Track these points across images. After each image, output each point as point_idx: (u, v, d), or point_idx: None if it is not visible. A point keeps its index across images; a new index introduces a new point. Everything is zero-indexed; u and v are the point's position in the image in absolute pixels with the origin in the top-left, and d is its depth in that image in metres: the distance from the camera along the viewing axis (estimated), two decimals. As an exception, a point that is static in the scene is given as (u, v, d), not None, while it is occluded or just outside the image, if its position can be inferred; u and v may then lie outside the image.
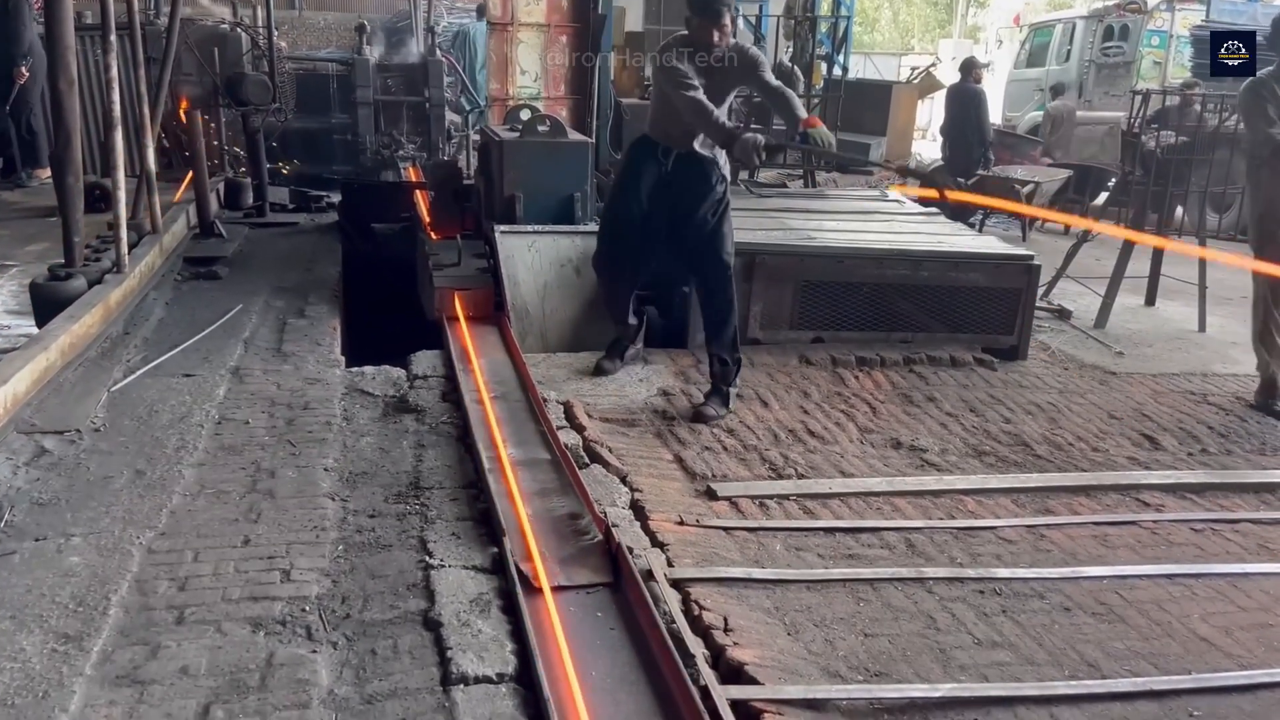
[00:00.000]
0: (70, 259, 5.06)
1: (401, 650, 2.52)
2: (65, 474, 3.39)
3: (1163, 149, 6.80)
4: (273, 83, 7.96)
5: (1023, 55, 15.54)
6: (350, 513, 3.24)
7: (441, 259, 5.62)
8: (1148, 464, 4.29)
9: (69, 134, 4.95)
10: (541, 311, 5.44)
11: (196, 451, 3.61)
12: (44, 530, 3.01)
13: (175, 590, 2.73)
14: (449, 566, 2.90)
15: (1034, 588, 3.17)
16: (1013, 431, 4.55)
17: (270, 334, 4.99)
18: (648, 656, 2.54)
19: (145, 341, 4.77)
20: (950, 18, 37.15)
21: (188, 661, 2.42)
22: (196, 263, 6.18)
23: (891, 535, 3.48)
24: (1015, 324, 5.66)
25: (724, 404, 4.55)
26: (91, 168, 8.04)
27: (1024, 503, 3.86)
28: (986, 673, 2.70)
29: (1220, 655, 2.86)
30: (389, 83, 10.66)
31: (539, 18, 7.53)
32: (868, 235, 6.05)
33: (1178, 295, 7.13)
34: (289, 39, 12.77)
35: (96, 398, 4.03)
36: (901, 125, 13.88)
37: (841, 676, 2.65)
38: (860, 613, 2.97)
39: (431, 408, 4.17)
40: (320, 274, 6.18)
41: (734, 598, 2.95)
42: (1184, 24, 12.65)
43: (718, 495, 3.69)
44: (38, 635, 2.50)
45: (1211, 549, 3.54)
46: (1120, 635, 2.94)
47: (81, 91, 6.34)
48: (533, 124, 5.94)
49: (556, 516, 3.28)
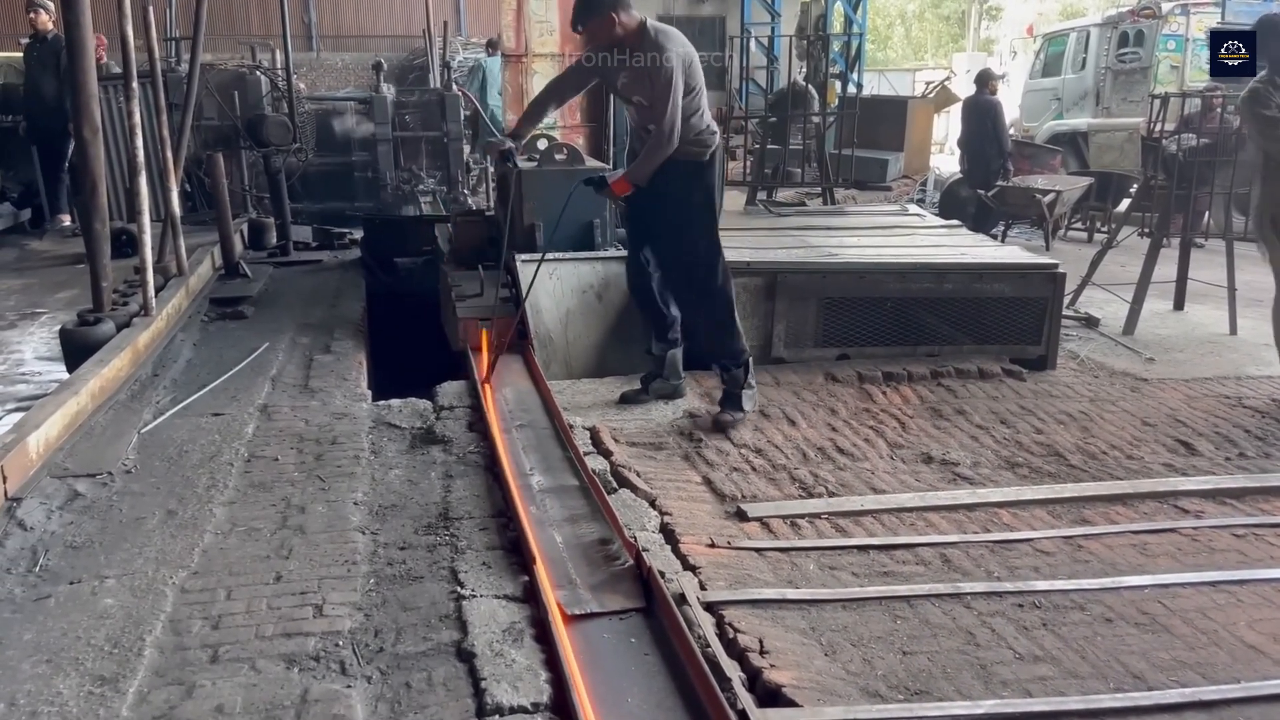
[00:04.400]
0: (98, 304, 5.12)
1: (436, 682, 2.51)
2: (98, 516, 3.41)
3: (1184, 152, 6.75)
4: (293, 123, 8.07)
5: (1038, 65, 15.47)
6: (381, 545, 3.24)
7: (464, 290, 5.64)
8: (1185, 470, 4.22)
9: (95, 181, 5.02)
10: (565, 339, 5.44)
11: (227, 490, 3.63)
12: (78, 573, 3.02)
13: (209, 629, 2.74)
14: (481, 596, 2.89)
15: (1074, 599, 3.12)
16: (1045, 442, 4.50)
17: (297, 371, 5.02)
18: (683, 681, 2.51)
19: (174, 383, 4.81)
20: (963, 31, 37.17)
21: (223, 700, 2.42)
22: (222, 303, 6.24)
23: (926, 551, 3.44)
24: (1043, 333, 5.61)
25: (738, 406, 4.56)
26: (117, 213, 8.16)
27: (1060, 513, 3.80)
28: (1029, 688, 2.65)
29: (1269, 663, 2.80)
30: (407, 119, 10.78)
31: (552, 48, 7.59)
32: (889, 249, 6.03)
33: (1206, 299, 7.04)
34: (308, 80, 12.99)
35: (127, 440, 4.06)
36: (918, 140, 13.87)
37: (881, 696, 2.61)
38: (898, 630, 2.93)
39: (458, 438, 4.17)
40: (345, 310, 6.22)
41: (769, 619, 2.92)
42: (1199, 27, 12.54)
43: (748, 516, 3.66)
44: (74, 678, 2.50)
45: (1255, 554, 3.47)
46: (1165, 645, 2.88)
47: (106, 139, 6.44)
48: (550, 153, 5.97)
49: (586, 543, 3.26)
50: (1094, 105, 13.77)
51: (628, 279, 5.01)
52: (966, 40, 35.80)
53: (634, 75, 4.41)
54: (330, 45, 17.86)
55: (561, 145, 6.11)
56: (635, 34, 4.35)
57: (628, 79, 4.46)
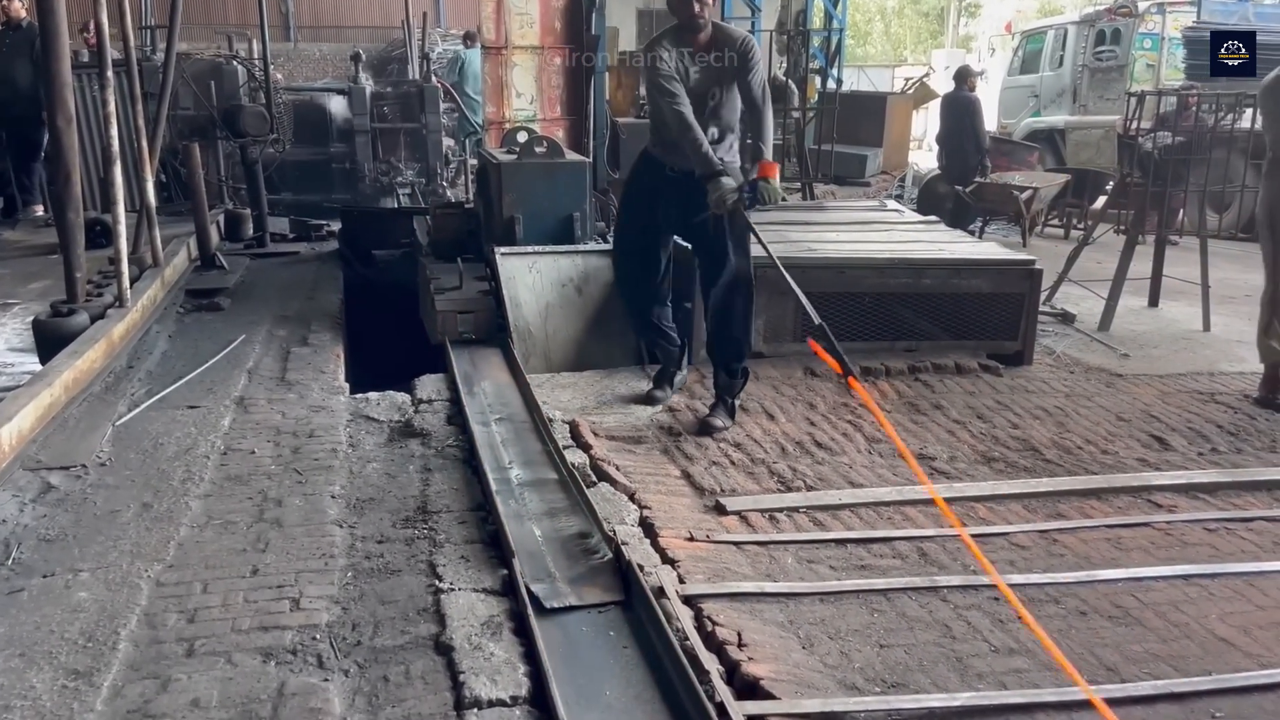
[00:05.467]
0: (72, 295, 5.07)
1: (414, 676, 2.50)
2: (72, 509, 3.38)
3: (1160, 150, 6.81)
4: (270, 114, 8.00)
5: (1016, 62, 15.56)
6: (358, 539, 3.22)
7: (443, 282, 5.62)
8: (1158, 465, 4.27)
9: (69, 170, 4.97)
10: (544, 332, 5.43)
11: (203, 483, 3.60)
12: (51, 566, 3.00)
13: (185, 622, 2.72)
14: (459, 590, 2.88)
15: (1049, 593, 3.15)
16: (1021, 437, 4.53)
17: (274, 363, 4.99)
18: (662, 674, 2.52)
19: (149, 375, 4.77)
20: (942, 28, 37.29)
21: (199, 694, 2.40)
22: (198, 295, 6.19)
23: (903, 544, 3.46)
24: (1019, 329, 5.65)
25: (730, 415, 4.53)
26: (91, 204, 8.07)
27: (1035, 508, 3.83)
28: (1004, 680, 2.68)
29: (1240, 655, 2.83)
30: (385, 110, 10.72)
31: (533, 40, 7.56)
32: (868, 245, 6.04)
33: (1181, 295, 7.11)
34: (285, 70, 12.89)
35: (101, 432, 4.03)
36: (897, 136, 13.90)
37: (858, 688, 2.62)
38: (875, 623, 2.94)
39: (437, 431, 4.16)
40: (322, 302, 6.19)
41: (747, 612, 2.93)
42: (1175, 26, 12.65)
43: (727, 510, 3.67)
44: (48, 672, 2.48)
45: (1226, 548, 3.51)
46: (1138, 638, 2.91)
47: (80, 128, 6.37)
48: (530, 146, 5.96)
49: (565, 536, 3.26)
50: (1071, 103, 13.88)
51: (629, 282, 4.90)
52: (945, 37, 35.92)
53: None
54: (308, 36, 17.70)
55: (541, 138, 6.10)
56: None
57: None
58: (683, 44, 4.35)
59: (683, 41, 4.35)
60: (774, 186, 4.24)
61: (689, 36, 4.34)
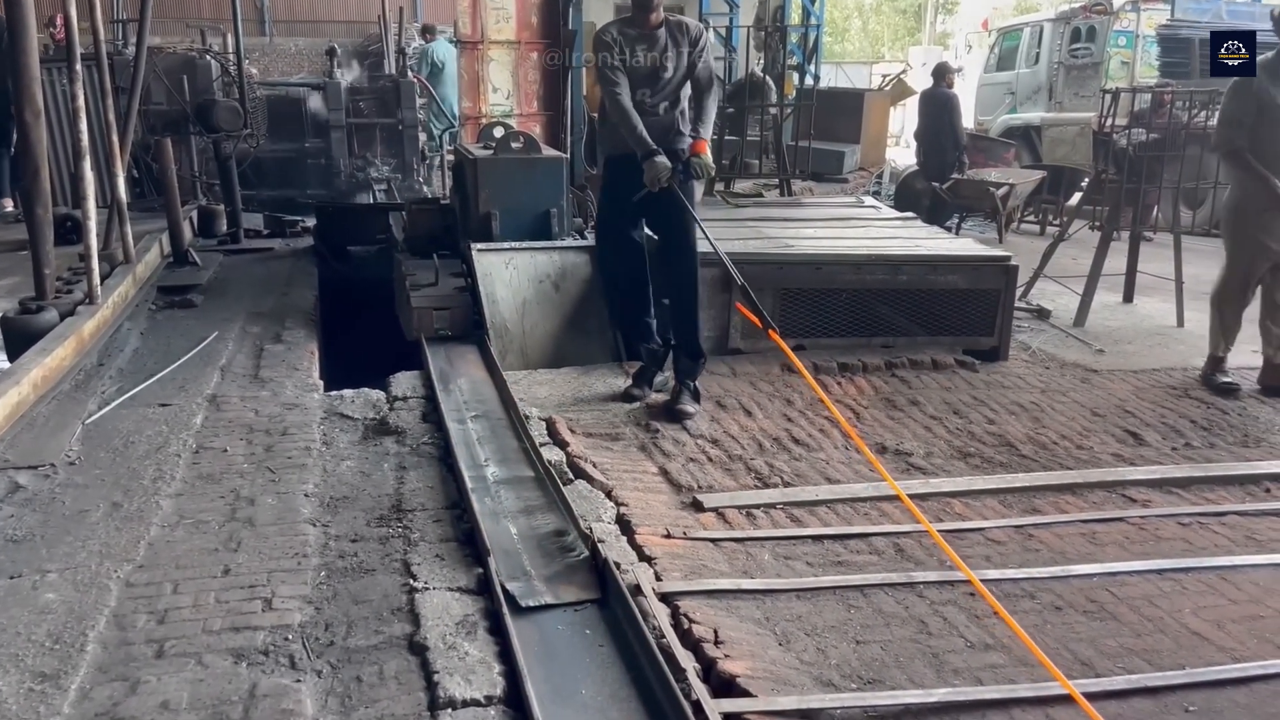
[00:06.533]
0: (41, 292, 5.00)
1: (387, 676, 2.48)
2: (40, 509, 3.32)
3: (1134, 147, 6.85)
4: (244, 109, 7.92)
5: (992, 59, 15.63)
6: (332, 538, 3.19)
7: (419, 279, 5.58)
8: (1132, 460, 4.29)
9: (37, 165, 4.90)
10: (521, 329, 5.40)
11: (174, 482, 3.56)
12: (19, 567, 2.95)
13: (154, 624, 2.68)
14: (433, 589, 2.86)
15: (1024, 588, 3.16)
16: (997, 432, 4.55)
17: (247, 360, 4.94)
18: (638, 672, 2.51)
19: (120, 372, 4.71)
20: (919, 25, 37.43)
21: (168, 696, 2.37)
22: (171, 291, 6.12)
23: (880, 540, 3.46)
24: (995, 325, 5.67)
25: (696, 399, 4.63)
26: (61, 199, 7.97)
27: (1011, 503, 3.84)
28: (980, 676, 2.68)
29: (1213, 649, 2.85)
30: (361, 105, 10.65)
31: (509, 35, 7.52)
32: (845, 241, 6.05)
33: (1155, 291, 7.16)
34: (260, 65, 12.76)
35: (71, 431, 3.97)
36: (875, 132, 13.94)
37: (834, 685, 2.62)
38: (851, 620, 2.94)
39: (412, 429, 4.12)
40: (296, 298, 6.13)
41: (724, 610, 2.92)
42: (1150, 24, 12.74)
43: (704, 507, 3.66)
44: (14, 675, 2.44)
45: (1199, 543, 3.53)
46: (1113, 633, 2.92)
47: (49, 122, 6.29)
48: (506, 141, 5.92)
49: (542, 534, 3.24)
50: (1047, 100, 13.96)
51: (612, 265, 4.99)
52: (923, 34, 36.05)
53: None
54: (284, 30, 17.53)
55: (518, 134, 6.06)
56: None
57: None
58: (633, 25, 4.56)
59: (634, 23, 4.56)
60: (705, 160, 4.57)
61: (642, 17, 4.54)
